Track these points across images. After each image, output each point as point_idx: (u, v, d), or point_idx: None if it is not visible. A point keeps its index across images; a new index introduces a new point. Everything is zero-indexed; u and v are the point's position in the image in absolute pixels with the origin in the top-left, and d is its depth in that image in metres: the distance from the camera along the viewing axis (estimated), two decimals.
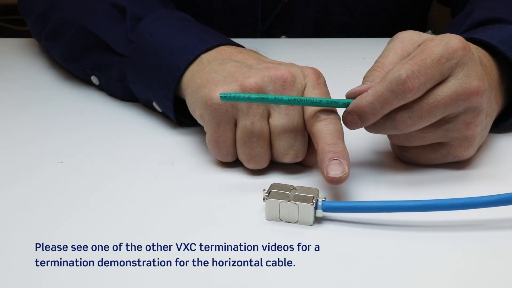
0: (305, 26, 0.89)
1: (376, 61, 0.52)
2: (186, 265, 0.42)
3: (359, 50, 0.80)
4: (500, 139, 0.58)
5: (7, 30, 1.63)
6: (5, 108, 0.66)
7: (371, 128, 0.51)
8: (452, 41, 0.49)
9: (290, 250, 0.43)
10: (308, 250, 0.43)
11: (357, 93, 0.50)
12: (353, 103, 0.49)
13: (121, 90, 0.65)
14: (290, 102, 0.49)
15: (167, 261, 0.42)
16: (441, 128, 0.50)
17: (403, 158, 0.54)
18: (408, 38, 0.52)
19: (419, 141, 0.51)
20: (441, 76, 0.49)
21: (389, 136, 0.53)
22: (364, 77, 0.51)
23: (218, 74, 0.52)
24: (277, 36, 0.89)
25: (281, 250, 0.43)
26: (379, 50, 0.53)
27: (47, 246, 0.43)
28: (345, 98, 0.51)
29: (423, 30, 0.81)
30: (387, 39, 0.53)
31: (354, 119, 0.50)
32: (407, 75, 0.48)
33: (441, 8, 0.95)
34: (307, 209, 0.45)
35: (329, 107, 0.50)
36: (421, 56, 0.48)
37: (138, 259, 0.42)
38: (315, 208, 0.45)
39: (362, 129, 0.51)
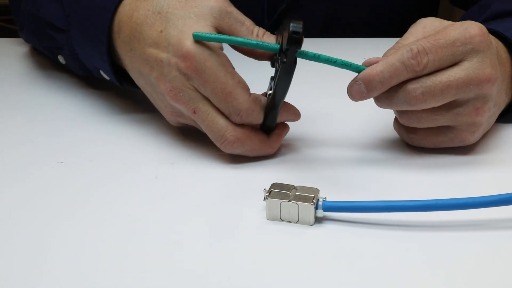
0: (313, 23, 0.89)
1: (397, 42, 0.54)
2: (186, 265, 0.42)
3: (364, 50, 0.80)
4: (506, 129, 0.60)
5: (6, 30, 1.63)
6: (4, 108, 0.66)
7: (382, 102, 0.52)
8: (471, 27, 0.51)
9: (290, 250, 0.43)
10: (308, 250, 0.43)
11: (372, 63, 0.51)
12: (363, 71, 0.51)
13: (78, 66, 0.66)
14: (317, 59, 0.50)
15: (167, 261, 0.42)
16: (451, 112, 0.52)
17: (410, 140, 0.55)
18: (429, 24, 0.54)
19: (429, 122, 0.52)
20: (453, 58, 0.50)
21: (400, 117, 0.53)
22: (384, 55, 0.53)
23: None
24: None
25: (281, 250, 0.43)
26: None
27: (47, 246, 0.43)
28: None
29: None
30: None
31: (360, 88, 0.51)
32: (418, 50, 0.50)
33: (450, 9, 0.96)
34: (307, 209, 0.45)
35: (341, 68, 0.51)
36: (435, 36, 0.50)
37: (138, 259, 0.42)
38: (316, 208, 0.45)
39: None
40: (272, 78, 0.54)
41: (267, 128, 0.54)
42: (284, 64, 0.48)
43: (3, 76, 0.75)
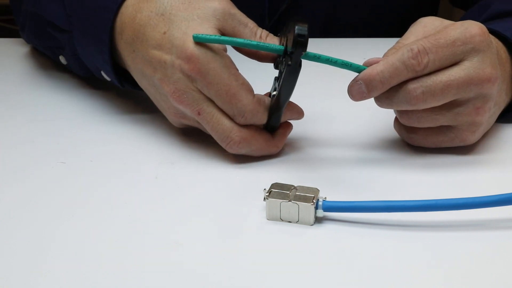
0: (313, 24, 0.89)
1: (397, 42, 0.54)
2: (186, 265, 0.42)
3: (364, 50, 0.80)
4: (506, 129, 0.60)
5: (7, 30, 1.63)
6: (4, 108, 0.66)
7: (382, 101, 0.52)
8: (471, 27, 0.51)
9: (290, 250, 0.43)
10: (308, 250, 0.43)
11: (372, 63, 0.51)
12: (364, 71, 0.51)
13: (79, 66, 0.66)
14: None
15: (167, 261, 0.42)
16: (451, 111, 0.52)
17: (411, 140, 0.55)
18: (430, 23, 0.54)
19: (430, 122, 0.52)
20: (453, 57, 0.50)
21: (400, 117, 0.54)
22: (384, 55, 0.53)
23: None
24: None
25: (281, 250, 0.43)
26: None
27: (47, 246, 0.43)
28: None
29: None
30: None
31: (360, 88, 0.51)
32: (419, 49, 0.50)
33: (450, 9, 0.96)
34: (307, 209, 0.45)
35: (342, 68, 0.51)
36: (436, 36, 0.51)
37: (138, 259, 0.42)
38: (316, 208, 0.45)
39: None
40: (276, 79, 0.54)
41: (271, 128, 0.54)
42: (289, 67, 0.48)
43: (3, 76, 0.75)
